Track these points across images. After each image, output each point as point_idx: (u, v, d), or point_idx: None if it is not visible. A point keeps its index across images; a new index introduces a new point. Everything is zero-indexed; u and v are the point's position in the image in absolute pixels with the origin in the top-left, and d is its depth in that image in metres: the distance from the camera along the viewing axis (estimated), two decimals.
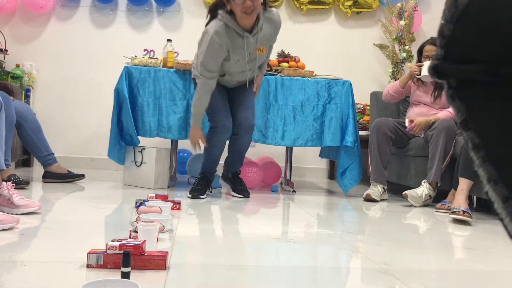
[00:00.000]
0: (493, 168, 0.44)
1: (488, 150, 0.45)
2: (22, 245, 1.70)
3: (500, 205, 0.45)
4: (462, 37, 0.45)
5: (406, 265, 1.73)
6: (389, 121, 3.54)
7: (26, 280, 1.32)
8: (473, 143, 0.46)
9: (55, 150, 3.66)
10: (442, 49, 0.47)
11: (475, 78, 0.45)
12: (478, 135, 0.45)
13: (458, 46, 0.46)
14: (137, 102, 3.38)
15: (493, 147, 0.45)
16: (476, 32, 0.44)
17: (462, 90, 0.47)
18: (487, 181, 0.45)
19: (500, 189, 0.44)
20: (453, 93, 0.47)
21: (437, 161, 3.18)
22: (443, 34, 0.46)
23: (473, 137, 0.46)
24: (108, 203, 2.68)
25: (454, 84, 0.47)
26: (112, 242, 1.47)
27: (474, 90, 0.46)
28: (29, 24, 4.59)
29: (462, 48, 0.45)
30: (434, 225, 2.65)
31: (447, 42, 0.46)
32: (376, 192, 3.39)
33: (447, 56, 0.47)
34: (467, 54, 0.45)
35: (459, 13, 0.44)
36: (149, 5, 4.67)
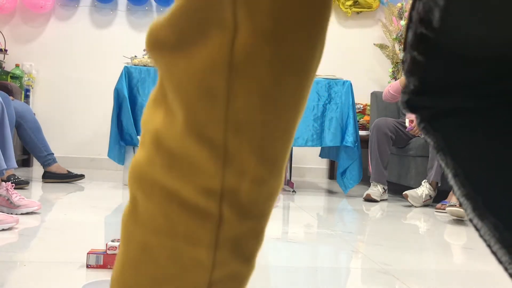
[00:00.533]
0: (477, 196, 0.44)
1: (468, 179, 0.44)
2: (22, 245, 1.70)
3: (486, 233, 0.44)
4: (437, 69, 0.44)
5: (406, 265, 1.72)
6: (389, 121, 3.54)
7: (26, 280, 1.32)
8: (452, 172, 0.45)
9: (55, 150, 3.65)
10: (415, 84, 0.45)
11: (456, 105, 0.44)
12: (457, 164, 0.45)
13: (434, 78, 0.44)
14: (137, 102, 3.38)
15: (474, 175, 0.44)
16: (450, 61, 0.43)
17: (436, 120, 0.45)
18: (472, 210, 0.44)
19: (485, 217, 0.43)
20: (427, 124, 0.46)
21: (438, 161, 3.18)
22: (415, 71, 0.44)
23: (451, 165, 0.45)
24: (108, 203, 2.68)
25: (428, 116, 0.46)
26: (112, 242, 1.46)
27: (448, 119, 0.45)
28: (29, 24, 4.59)
29: (438, 79, 0.44)
30: (434, 225, 2.65)
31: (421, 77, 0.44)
32: (376, 192, 3.39)
33: (422, 89, 0.45)
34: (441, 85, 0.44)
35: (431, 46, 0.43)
36: (149, 5, 4.67)
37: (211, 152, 0.44)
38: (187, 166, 0.45)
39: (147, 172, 0.47)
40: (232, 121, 0.43)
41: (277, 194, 0.50)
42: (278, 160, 0.47)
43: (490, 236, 0.43)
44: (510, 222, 0.42)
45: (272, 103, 0.44)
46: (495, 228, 0.43)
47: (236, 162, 0.44)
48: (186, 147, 0.44)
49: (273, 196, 0.50)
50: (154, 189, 0.46)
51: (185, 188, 0.45)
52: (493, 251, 0.44)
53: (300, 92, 0.46)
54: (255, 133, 0.44)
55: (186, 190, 0.45)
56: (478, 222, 0.44)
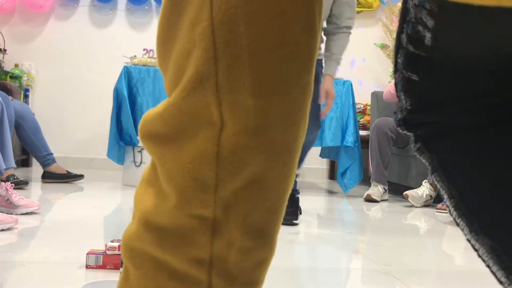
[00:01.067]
0: (473, 218, 0.43)
1: (464, 200, 0.44)
2: (21, 245, 1.70)
3: (485, 254, 0.44)
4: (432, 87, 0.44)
5: (406, 265, 1.72)
6: (389, 121, 3.53)
7: (25, 280, 1.32)
8: (448, 193, 0.45)
9: (54, 150, 3.65)
10: (411, 103, 0.45)
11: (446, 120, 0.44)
12: (453, 185, 0.44)
13: (429, 96, 0.44)
14: (136, 102, 3.38)
15: (470, 197, 0.44)
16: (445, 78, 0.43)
17: (431, 141, 0.45)
18: (469, 231, 0.44)
19: (483, 239, 0.43)
20: (421, 145, 0.46)
21: None
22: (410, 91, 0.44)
23: (447, 187, 0.45)
24: (108, 203, 2.67)
25: (423, 136, 0.46)
26: (112, 243, 1.46)
27: (443, 140, 0.45)
28: (28, 23, 4.58)
29: (434, 96, 0.44)
30: (434, 225, 2.65)
31: (417, 95, 0.44)
32: (376, 193, 3.38)
33: (417, 107, 0.45)
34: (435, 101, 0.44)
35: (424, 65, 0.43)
36: (149, 5, 4.66)
37: (201, 225, 0.47)
38: (178, 238, 0.47)
39: (136, 245, 0.49)
40: (220, 201, 0.46)
41: (268, 262, 0.53)
42: (265, 231, 0.50)
43: (488, 257, 0.43)
44: (507, 245, 0.42)
45: (258, 183, 0.46)
46: (493, 251, 0.43)
47: (223, 234, 0.47)
48: (178, 222, 0.47)
49: (263, 265, 0.53)
50: (144, 260, 0.49)
51: (175, 259, 0.47)
52: (493, 271, 0.44)
53: (286, 169, 0.48)
54: (241, 209, 0.47)
55: (177, 261, 0.47)
56: (476, 244, 0.44)
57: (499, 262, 0.42)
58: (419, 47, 0.42)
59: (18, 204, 2.20)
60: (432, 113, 0.45)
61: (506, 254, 0.42)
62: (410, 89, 0.44)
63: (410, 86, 0.44)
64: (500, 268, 0.43)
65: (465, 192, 0.44)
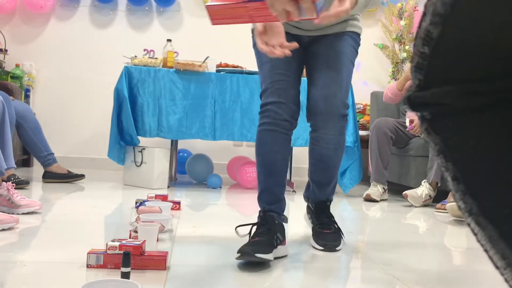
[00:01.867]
0: (474, 201, 0.44)
1: (467, 183, 0.44)
2: (22, 245, 1.70)
3: (483, 238, 0.44)
4: (439, 64, 0.45)
5: (406, 265, 1.73)
6: (389, 121, 3.54)
7: (26, 280, 1.32)
8: (451, 175, 0.45)
9: (55, 150, 3.65)
10: (420, 79, 0.46)
11: (451, 101, 0.44)
12: (457, 167, 0.45)
13: (435, 74, 0.45)
14: (137, 102, 3.38)
15: (473, 180, 0.44)
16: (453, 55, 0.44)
17: (437, 122, 0.46)
18: (468, 214, 0.44)
19: (482, 222, 0.44)
20: (428, 126, 0.47)
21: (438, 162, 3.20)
22: (420, 65, 0.46)
23: (451, 169, 0.45)
24: (108, 203, 2.68)
25: (428, 116, 0.46)
26: (112, 242, 1.47)
27: (449, 121, 0.45)
28: (29, 24, 4.59)
29: (441, 73, 0.45)
30: (434, 225, 2.65)
31: (426, 71, 0.45)
32: (376, 192, 3.39)
33: (425, 84, 0.46)
34: (443, 80, 0.45)
35: (434, 42, 0.44)
36: (149, 5, 4.67)
37: None
38: None
39: None
40: None
41: None
42: None
43: (485, 241, 0.43)
44: (505, 229, 0.42)
45: None
46: (490, 234, 0.43)
47: None
48: None
49: None
50: None
51: None
52: (490, 255, 0.44)
53: None
54: None
55: None
56: (475, 227, 0.44)
57: (496, 245, 0.43)
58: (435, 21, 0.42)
59: (19, 204, 2.21)
60: (437, 93, 0.45)
61: (504, 238, 0.42)
62: (421, 63, 0.45)
63: (421, 59, 0.45)
64: (497, 252, 0.43)
65: (468, 175, 0.44)
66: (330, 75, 1.75)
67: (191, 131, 3.41)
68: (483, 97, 0.43)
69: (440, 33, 0.43)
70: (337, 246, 1.86)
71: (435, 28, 0.43)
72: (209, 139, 3.44)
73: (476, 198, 0.44)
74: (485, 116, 0.43)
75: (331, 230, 1.89)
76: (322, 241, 1.85)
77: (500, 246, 0.42)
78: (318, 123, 1.78)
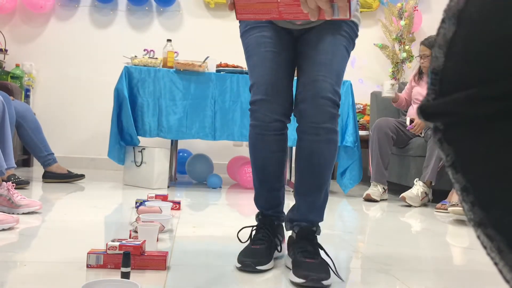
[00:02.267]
0: (483, 213, 0.43)
1: (477, 195, 0.44)
2: (22, 245, 1.70)
3: (492, 250, 0.44)
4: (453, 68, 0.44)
5: (406, 265, 1.73)
6: (390, 121, 3.54)
7: (26, 280, 1.32)
8: (461, 186, 0.45)
9: (55, 150, 3.65)
10: (434, 88, 0.46)
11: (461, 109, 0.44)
12: (467, 179, 0.44)
13: (449, 80, 0.45)
14: (137, 102, 3.38)
15: (483, 192, 0.44)
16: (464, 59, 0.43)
17: (449, 133, 0.45)
18: (477, 226, 0.44)
19: (492, 234, 0.43)
20: (441, 136, 0.46)
21: (434, 161, 3.21)
22: (435, 70, 0.46)
23: (461, 180, 0.45)
24: (108, 203, 2.68)
25: (441, 127, 0.46)
26: (112, 242, 1.47)
27: (460, 131, 0.45)
28: (29, 24, 4.59)
29: (453, 80, 0.45)
30: (434, 225, 2.65)
31: (440, 77, 0.45)
32: (376, 192, 3.39)
33: (439, 93, 0.46)
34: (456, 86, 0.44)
35: (447, 44, 0.44)
36: (149, 5, 4.67)
37: None
38: None
39: None
40: None
41: None
42: None
43: (495, 253, 0.43)
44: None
45: None
46: (499, 246, 0.42)
47: None
48: None
49: None
50: None
51: None
52: (499, 269, 0.43)
53: None
54: None
55: None
56: (484, 240, 0.44)
57: (506, 259, 0.42)
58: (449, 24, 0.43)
59: (19, 204, 2.21)
60: (448, 101, 0.45)
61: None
62: (436, 69, 0.45)
63: (436, 65, 0.45)
64: (505, 264, 0.43)
65: (477, 185, 0.44)
66: (320, 59, 1.51)
67: (191, 131, 3.41)
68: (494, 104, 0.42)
69: (453, 33, 0.43)
70: (323, 279, 1.37)
71: (449, 29, 0.43)
72: (209, 139, 3.44)
73: (486, 210, 0.43)
74: (496, 125, 0.43)
75: (316, 260, 1.45)
76: (303, 272, 1.38)
77: (509, 258, 0.42)
78: (306, 111, 1.51)
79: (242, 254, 1.56)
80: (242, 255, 1.55)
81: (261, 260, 1.52)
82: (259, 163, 1.63)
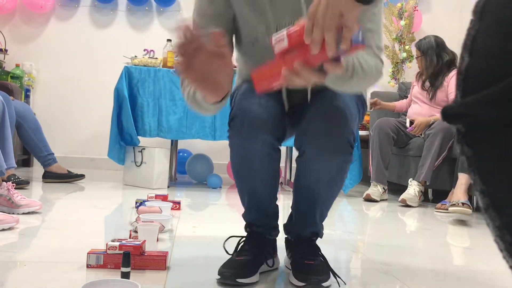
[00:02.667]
0: (497, 215, 0.44)
1: (492, 197, 0.44)
2: (22, 245, 1.70)
3: (505, 252, 0.44)
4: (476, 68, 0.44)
5: (406, 264, 1.73)
6: (390, 121, 3.55)
7: (26, 280, 1.32)
8: (478, 189, 0.45)
9: (55, 150, 3.65)
10: (460, 85, 0.46)
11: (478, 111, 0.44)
12: (483, 181, 0.45)
13: (473, 77, 0.45)
14: (137, 102, 3.38)
15: (498, 194, 0.44)
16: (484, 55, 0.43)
17: (470, 135, 0.45)
18: (492, 227, 0.44)
19: (505, 236, 0.43)
20: (462, 139, 0.46)
21: (430, 161, 3.22)
22: (460, 70, 0.46)
23: (478, 182, 0.45)
24: (108, 203, 2.68)
25: (463, 130, 0.46)
26: (112, 242, 1.47)
27: (481, 135, 0.45)
28: (29, 24, 4.59)
29: (475, 78, 0.45)
30: (434, 225, 2.65)
31: (464, 76, 0.45)
32: (376, 192, 3.39)
33: (463, 92, 0.46)
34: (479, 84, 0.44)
35: (471, 43, 0.43)
36: (149, 5, 4.67)
37: None
38: None
39: None
40: None
41: None
42: None
43: (509, 256, 0.43)
44: None
45: None
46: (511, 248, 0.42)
47: None
48: None
49: None
50: None
51: None
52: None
53: None
54: None
55: None
56: (499, 242, 0.44)
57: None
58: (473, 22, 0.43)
59: (20, 204, 2.21)
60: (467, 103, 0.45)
61: None
62: (462, 66, 0.46)
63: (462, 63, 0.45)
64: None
65: (494, 188, 0.44)
66: (330, 98, 1.33)
67: (191, 131, 3.41)
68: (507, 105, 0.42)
69: (476, 30, 0.42)
70: (323, 281, 1.36)
71: (474, 27, 0.43)
72: (209, 139, 3.44)
73: (502, 213, 0.43)
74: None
75: (315, 261, 1.42)
76: (302, 274, 1.37)
77: None
78: (312, 149, 1.36)
79: (223, 265, 1.40)
80: (223, 266, 1.40)
81: (243, 272, 1.36)
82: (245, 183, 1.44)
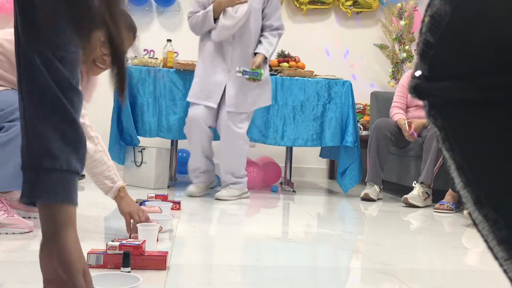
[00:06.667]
0: (479, 190, 0.43)
1: (473, 172, 0.43)
2: (22, 245, 1.70)
3: (486, 229, 0.44)
4: (446, 54, 0.44)
5: (406, 265, 1.73)
6: (390, 122, 3.55)
7: (26, 280, 1.32)
8: (457, 164, 0.45)
9: None
10: (425, 69, 0.45)
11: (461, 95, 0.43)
12: (463, 156, 0.44)
13: (442, 64, 0.44)
14: (137, 102, 3.38)
15: (479, 168, 0.43)
16: (460, 47, 0.43)
17: (445, 109, 0.45)
18: (473, 203, 0.44)
19: (487, 212, 0.43)
20: (435, 112, 0.45)
21: (428, 164, 3.23)
22: (425, 54, 0.44)
23: (457, 157, 0.44)
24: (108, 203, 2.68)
25: (438, 103, 0.45)
26: (112, 242, 1.47)
27: (458, 109, 0.44)
28: None
29: (446, 66, 0.44)
30: (433, 225, 2.66)
31: (430, 61, 0.44)
32: (373, 192, 3.40)
33: (430, 76, 0.45)
34: (452, 71, 0.43)
35: (442, 29, 0.43)
36: (149, 5, 4.67)
37: None
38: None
39: None
40: None
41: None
42: None
43: (488, 231, 0.43)
44: (510, 220, 0.42)
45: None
46: (494, 224, 0.42)
47: None
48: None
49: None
50: None
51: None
52: (490, 246, 0.44)
53: None
54: None
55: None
56: (478, 216, 0.44)
57: (498, 236, 0.42)
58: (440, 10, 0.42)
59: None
60: (443, 87, 0.44)
61: (508, 228, 0.42)
62: (426, 52, 0.44)
63: (426, 48, 0.44)
64: (499, 243, 0.42)
65: (475, 164, 0.43)
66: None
67: None
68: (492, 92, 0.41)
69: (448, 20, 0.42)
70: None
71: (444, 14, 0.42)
72: None
73: (482, 187, 0.43)
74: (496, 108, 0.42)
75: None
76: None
77: (502, 236, 0.42)
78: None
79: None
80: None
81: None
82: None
